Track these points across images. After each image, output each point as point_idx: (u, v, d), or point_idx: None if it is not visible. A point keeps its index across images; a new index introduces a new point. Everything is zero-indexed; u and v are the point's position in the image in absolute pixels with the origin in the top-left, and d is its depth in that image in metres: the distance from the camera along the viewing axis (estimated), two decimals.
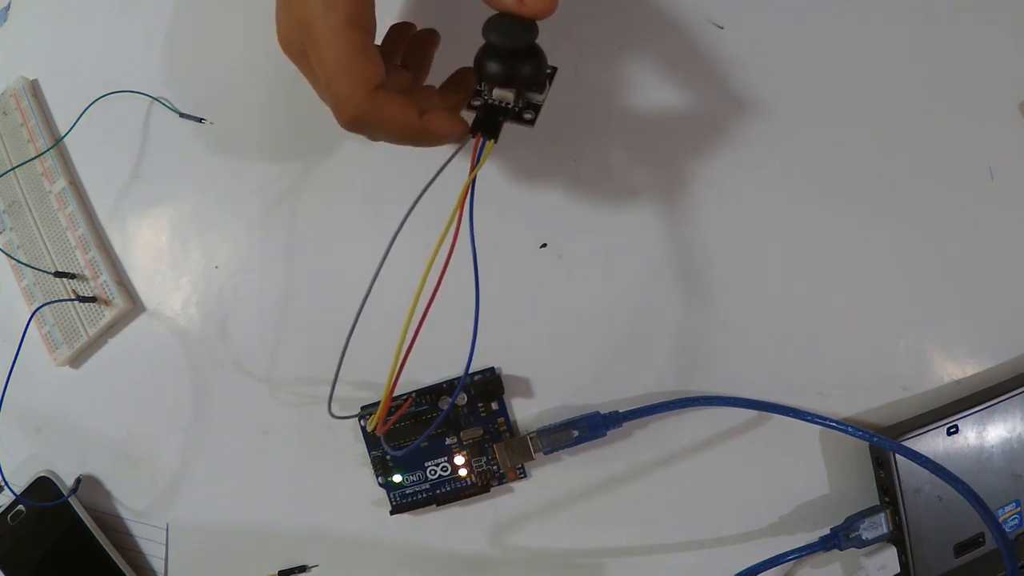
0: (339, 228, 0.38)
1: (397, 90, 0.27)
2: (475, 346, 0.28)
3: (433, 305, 0.28)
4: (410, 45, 0.31)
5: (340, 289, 0.38)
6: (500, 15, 0.25)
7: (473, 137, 0.28)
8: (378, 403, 0.37)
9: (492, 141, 0.28)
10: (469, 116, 0.29)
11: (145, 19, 0.41)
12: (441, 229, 0.28)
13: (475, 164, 0.28)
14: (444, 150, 0.29)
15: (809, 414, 0.34)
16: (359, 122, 0.26)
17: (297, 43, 0.27)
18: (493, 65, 0.27)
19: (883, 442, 0.33)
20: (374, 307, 0.32)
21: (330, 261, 0.38)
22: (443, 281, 0.28)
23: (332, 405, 0.33)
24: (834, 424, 0.34)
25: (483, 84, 0.29)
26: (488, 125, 0.28)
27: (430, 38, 0.32)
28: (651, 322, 0.36)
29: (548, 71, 0.29)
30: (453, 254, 0.28)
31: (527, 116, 0.29)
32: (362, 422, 0.37)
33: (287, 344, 0.38)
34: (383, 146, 0.37)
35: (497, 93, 0.28)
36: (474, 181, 0.27)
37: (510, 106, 0.28)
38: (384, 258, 0.29)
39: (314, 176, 0.38)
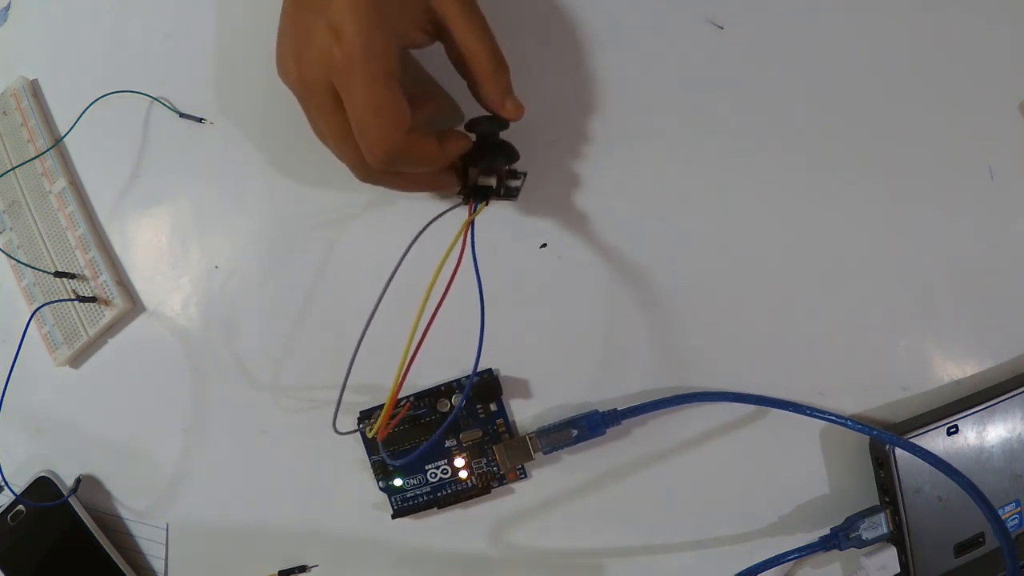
0: (339, 229, 0.38)
1: (418, 128, 0.30)
2: (479, 358, 0.30)
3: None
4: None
5: (340, 290, 0.38)
6: (483, 116, 0.33)
7: (465, 204, 0.33)
8: (376, 408, 0.37)
9: (484, 204, 0.33)
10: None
11: (145, 19, 0.41)
12: (445, 233, 0.30)
13: (471, 212, 0.33)
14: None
15: (808, 408, 0.34)
16: (393, 158, 0.29)
17: (322, 83, 0.29)
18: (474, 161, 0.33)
19: (883, 435, 0.33)
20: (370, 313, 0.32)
21: (329, 262, 0.38)
22: (447, 294, 0.31)
23: (333, 415, 0.33)
24: (834, 418, 0.34)
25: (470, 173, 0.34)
26: (478, 193, 0.33)
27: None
28: (650, 323, 0.36)
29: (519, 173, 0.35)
30: (456, 276, 0.31)
31: (512, 184, 0.34)
32: (361, 426, 0.37)
33: (287, 344, 0.38)
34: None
35: (481, 179, 0.34)
36: (472, 224, 0.32)
37: (493, 187, 0.34)
38: (387, 284, 0.32)
39: (314, 176, 0.38)
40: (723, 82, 0.37)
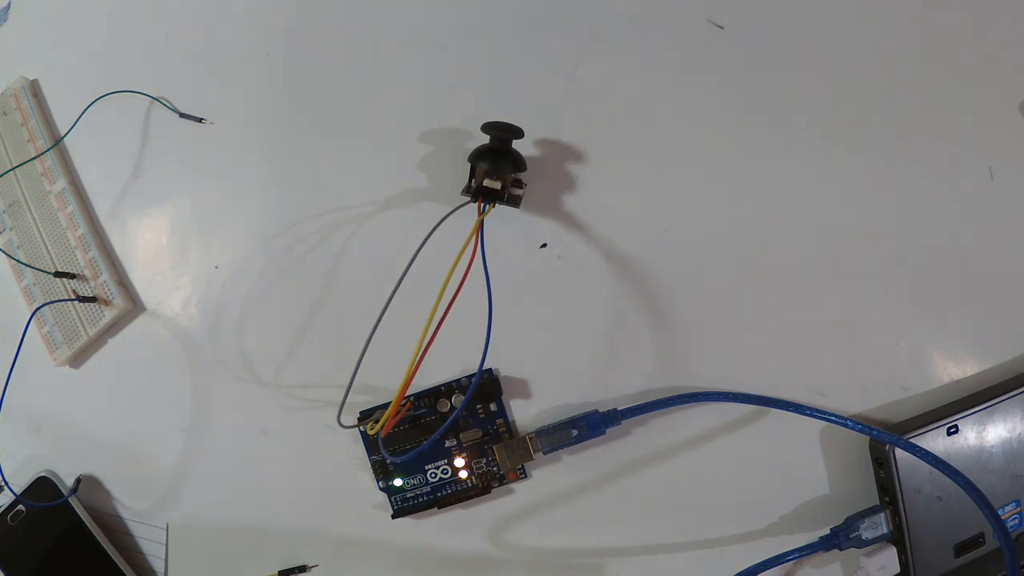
0: (338, 229, 0.38)
1: None
2: (485, 355, 0.30)
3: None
4: None
5: (340, 289, 0.38)
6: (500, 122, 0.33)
7: (474, 202, 0.34)
8: (376, 408, 0.37)
9: (492, 204, 0.34)
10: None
11: (145, 19, 0.41)
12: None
13: (480, 212, 0.33)
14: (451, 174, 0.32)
15: (808, 408, 0.34)
16: None
17: None
18: (483, 163, 0.34)
19: (883, 435, 0.33)
20: (371, 314, 0.32)
21: (329, 262, 0.38)
22: (459, 292, 0.31)
23: (335, 412, 0.33)
24: (834, 418, 0.34)
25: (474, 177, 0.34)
26: (484, 195, 0.34)
27: None
28: (650, 322, 0.36)
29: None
30: (466, 280, 0.32)
31: (516, 192, 0.35)
32: (362, 427, 0.37)
33: (287, 344, 0.38)
34: (385, 151, 0.38)
35: (487, 182, 0.34)
36: (482, 224, 0.33)
37: (498, 190, 0.34)
38: (398, 283, 0.32)
39: (314, 177, 0.38)
40: (723, 82, 0.37)
